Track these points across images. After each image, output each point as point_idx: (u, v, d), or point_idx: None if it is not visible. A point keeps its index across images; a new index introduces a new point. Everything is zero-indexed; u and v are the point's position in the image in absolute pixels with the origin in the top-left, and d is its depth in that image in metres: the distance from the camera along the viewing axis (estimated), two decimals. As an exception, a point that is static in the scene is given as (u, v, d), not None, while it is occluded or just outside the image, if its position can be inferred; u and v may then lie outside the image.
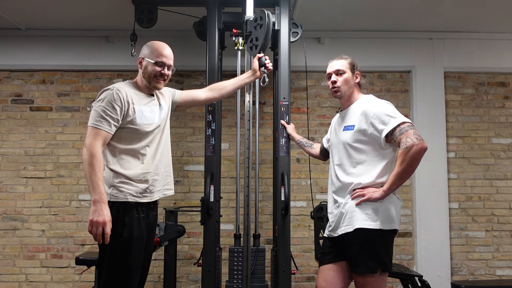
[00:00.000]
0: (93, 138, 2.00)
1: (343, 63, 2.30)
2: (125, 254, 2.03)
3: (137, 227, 2.08)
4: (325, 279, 2.21)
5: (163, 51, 2.20)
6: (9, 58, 3.89)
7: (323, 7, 3.40)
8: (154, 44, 2.22)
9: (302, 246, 3.84)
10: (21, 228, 3.81)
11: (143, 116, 2.13)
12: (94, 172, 1.95)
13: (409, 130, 2.02)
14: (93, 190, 1.94)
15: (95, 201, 1.94)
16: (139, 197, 2.10)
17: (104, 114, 2.03)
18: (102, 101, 2.06)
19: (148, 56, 2.18)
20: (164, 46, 2.23)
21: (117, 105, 2.05)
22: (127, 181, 2.07)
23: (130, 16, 3.15)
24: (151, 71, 2.18)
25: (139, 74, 2.23)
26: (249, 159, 2.86)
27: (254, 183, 2.97)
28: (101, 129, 2.02)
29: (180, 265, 3.77)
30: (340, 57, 2.34)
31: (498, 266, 3.87)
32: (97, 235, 1.93)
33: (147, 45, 2.23)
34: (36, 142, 3.88)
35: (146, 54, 2.20)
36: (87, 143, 2.00)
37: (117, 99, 2.06)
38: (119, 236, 2.02)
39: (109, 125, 2.04)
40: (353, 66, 2.30)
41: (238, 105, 3.14)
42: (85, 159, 1.97)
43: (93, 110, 2.07)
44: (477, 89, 4.03)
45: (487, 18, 3.66)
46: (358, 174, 2.14)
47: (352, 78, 2.29)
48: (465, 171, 3.94)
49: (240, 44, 3.00)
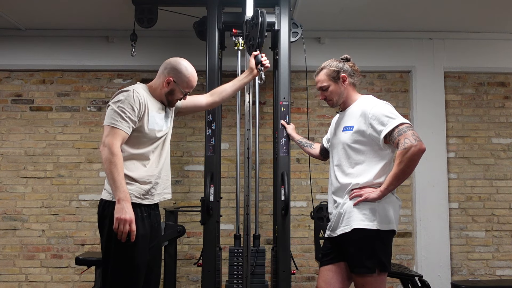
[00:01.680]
0: (112, 137, 2.01)
1: (323, 78, 2.27)
2: (131, 251, 2.03)
3: (141, 226, 2.08)
4: (325, 280, 2.21)
5: (194, 84, 2.26)
6: (9, 58, 3.88)
7: (323, 7, 3.40)
8: (187, 72, 2.22)
9: (302, 246, 3.84)
10: (21, 228, 3.81)
11: (155, 123, 2.16)
12: (117, 171, 1.96)
13: (408, 131, 2.02)
14: (117, 188, 1.96)
15: (119, 200, 1.95)
16: (141, 198, 2.12)
17: (124, 115, 2.04)
18: (122, 102, 2.06)
19: (180, 83, 2.21)
20: (196, 77, 2.27)
21: (136, 107, 2.07)
22: (131, 182, 2.08)
23: (130, 16, 3.15)
24: (177, 96, 2.24)
25: (159, 86, 2.22)
26: (249, 159, 2.86)
27: (254, 183, 2.97)
28: (120, 129, 2.03)
29: (180, 265, 3.77)
30: (318, 69, 2.31)
31: (498, 266, 3.87)
32: (124, 232, 1.95)
33: (179, 68, 2.21)
34: (36, 142, 3.88)
35: (177, 79, 2.20)
36: (107, 142, 1.99)
37: (136, 102, 2.07)
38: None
39: (128, 126, 2.05)
40: (335, 73, 2.25)
41: (238, 105, 3.14)
42: (106, 158, 1.97)
43: (110, 110, 2.07)
44: (477, 89, 4.03)
45: (487, 18, 3.66)
46: (356, 175, 2.14)
47: (339, 85, 2.25)
48: (465, 171, 3.94)
49: (240, 44, 2.99)
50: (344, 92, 2.27)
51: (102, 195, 2.13)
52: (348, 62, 2.30)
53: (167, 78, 2.20)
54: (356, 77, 2.30)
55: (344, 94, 2.27)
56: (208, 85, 2.89)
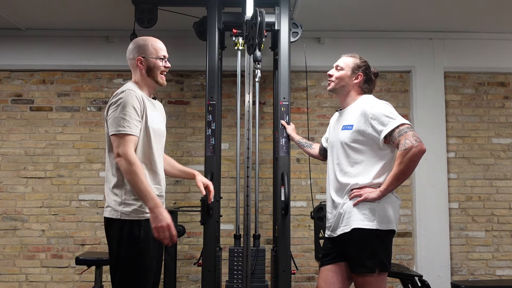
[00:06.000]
0: (124, 145, 1.91)
1: (346, 61, 2.29)
2: (141, 254, 1.97)
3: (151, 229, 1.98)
4: (325, 280, 2.21)
5: (161, 45, 2.15)
6: (9, 58, 3.88)
7: (323, 7, 3.40)
8: (147, 40, 2.14)
9: (302, 246, 3.84)
10: (21, 228, 3.81)
11: (152, 121, 2.06)
12: (140, 180, 1.88)
13: (408, 132, 2.03)
14: (145, 198, 1.89)
15: (151, 209, 1.89)
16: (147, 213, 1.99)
17: (129, 118, 1.94)
18: (123, 106, 1.95)
19: (150, 54, 2.11)
20: (157, 40, 2.17)
21: (137, 106, 1.98)
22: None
23: (130, 16, 3.15)
24: (158, 68, 2.12)
25: (138, 75, 2.12)
26: (249, 159, 2.86)
27: (254, 183, 2.97)
28: (129, 134, 1.93)
29: (180, 265, 3.77)
30: (350, 54, 2.33)
31: (498, 266, 3.87)
32: (166, 238, 1.90)
33: (138, 43, 2.13)
34: (36, 142, 3.88)
35: (145, 53, 2.10)
36: (122, 152, 1.89)
37: (135, 101, 1.98)
38: (136, 237, 1.95)
39: (136, 128, 1.96)
40: (357, 67, 2.27)
41: (238, 105, 3.14)
42: (126, 170, 1.88)
43: (113, 117, 1.95)
44: (477, 89, 4.03)
45: (487, 18, 3.66)
46: (356, 175, 2.14)
47: (350, 77, 2.26)
48: (465, 171, 3.94)
49: (240, 44, 2.99)
50: (349, 87, 2.27)
51: (105, 212, 2.01)
52: (375, 75, 2.33)
53: (136, 59, 2.10)
54: (367, 86, 2.31)
55: (349, 88, 2.28)
56: (208, 85, 2.89)
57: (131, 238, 1.95)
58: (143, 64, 2.11)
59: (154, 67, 2.12)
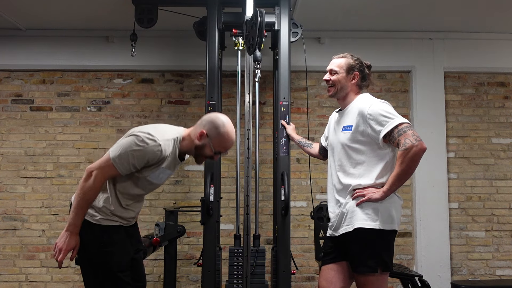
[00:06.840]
0: (103, 171, 1.92)
1: (339, 63, 2.28)
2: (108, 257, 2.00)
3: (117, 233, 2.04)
4: (326, 278, 2.21)
5: (228, 144, 2.09)
6: (9, 58, 3.88)
7: (323, 7, 3.40)
8: (225, 132, 2.06)
9: (302, 246, 3.84)
10: (21, 228, 3.81)
11: (158, 177, 2.06)
12: (83, 201, 1.92)
13: (408, 131, 2.02)
14: (75, 216, 1.93)
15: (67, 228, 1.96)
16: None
17: (133, 160, 1.92)
18: (139, 150, 1.91)
19: (214, 141, 2.04)
20: (232, 138, 2.09)
21: (148, 161, 1.95)
22: (114, 216, 2.03)
23: (130, 16, 3.15)
24: (206, 153, 2.08)
25: (192, 140, 2.07)
26: (249, 159, 2.86)
27: (254, 183, 2.97)
28: (118, 170, 1.93)
29: (180, 265, 3.77)
30: (340, 55, 2.32)
31: (498, 266, 3.87)
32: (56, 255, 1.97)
33: (216, 122, 2.06)
34: (36, 142, 3.88)
35: (210, 134, 2.04)
36: (96, 173, 1.90)
37: (154, 158, 1.95)
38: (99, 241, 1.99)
39: (126, 169, 1.94)
40: (351, 67, 2.25)
41: (238, 105, 3.14)
42: (83, 185, 1.91)
43: (123, 145, 1.93)
44: (477, 89, 4.03)
45: (487, 18, 3.66)
46: (358, 175, 2.14)
47: (346, 79, 2.25)
48: (465, 171, 3.94)
49: (240, 44, 2.99)
50: (348, 88, 2.26)
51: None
52: (368, 68, 2.32)
53: (201, 130, 2.04)
54: (365, 84, 2.31)
55: (347, 89, 2.27)
56: (208, 85, 2.89)
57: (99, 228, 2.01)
58: (202, 139, 2.05)
59: (205, 151, 2.08)
